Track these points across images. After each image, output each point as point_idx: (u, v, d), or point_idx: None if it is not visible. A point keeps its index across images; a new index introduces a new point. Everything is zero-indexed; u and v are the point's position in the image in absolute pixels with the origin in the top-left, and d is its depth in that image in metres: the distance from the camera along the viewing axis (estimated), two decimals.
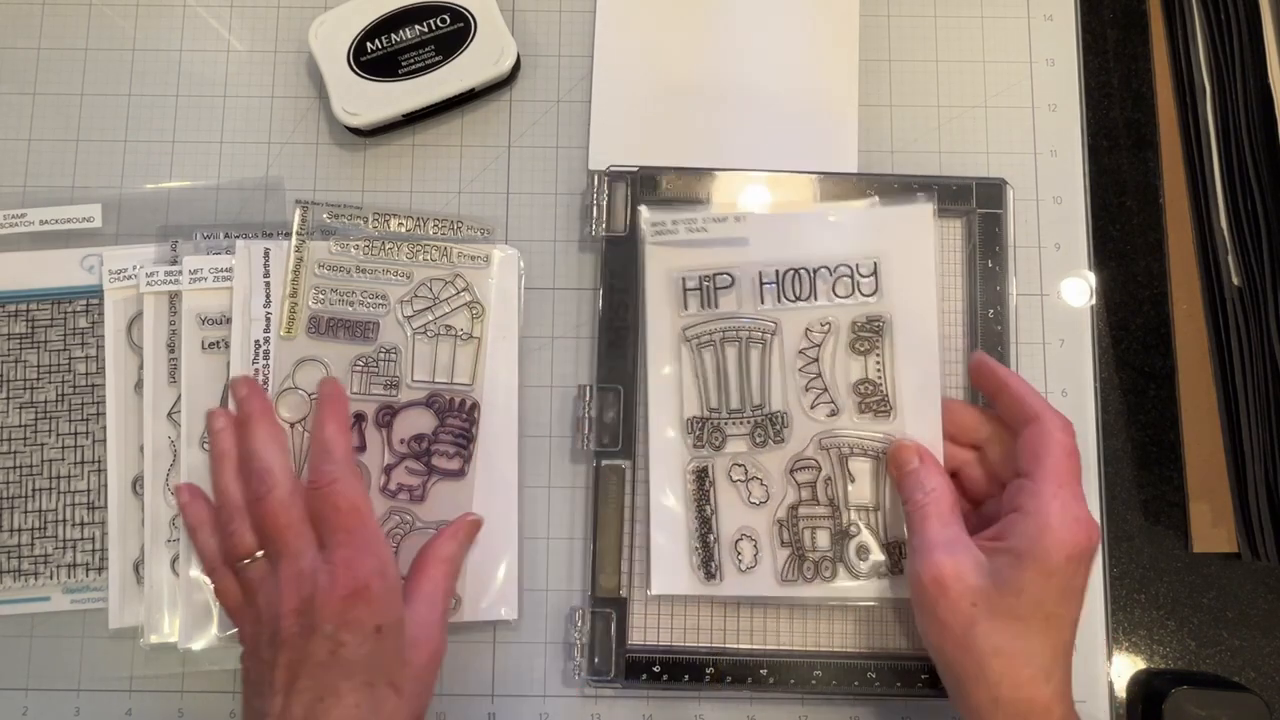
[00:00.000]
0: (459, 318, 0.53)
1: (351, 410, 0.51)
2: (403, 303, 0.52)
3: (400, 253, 0.53)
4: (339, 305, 0.52)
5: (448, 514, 0.51)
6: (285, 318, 0.51)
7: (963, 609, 0.43)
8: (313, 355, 0.51)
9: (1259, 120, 0.52)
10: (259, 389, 0.50)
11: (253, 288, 0.52)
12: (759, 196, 0.54)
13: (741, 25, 0.57)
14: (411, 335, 0.52)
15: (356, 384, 0.51)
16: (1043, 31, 0.58)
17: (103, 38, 0.58)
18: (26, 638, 0.52)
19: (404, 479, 0.51)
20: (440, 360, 0.52)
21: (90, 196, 0.55)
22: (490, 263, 0.53)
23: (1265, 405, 0.51)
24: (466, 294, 0.53)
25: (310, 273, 0.52)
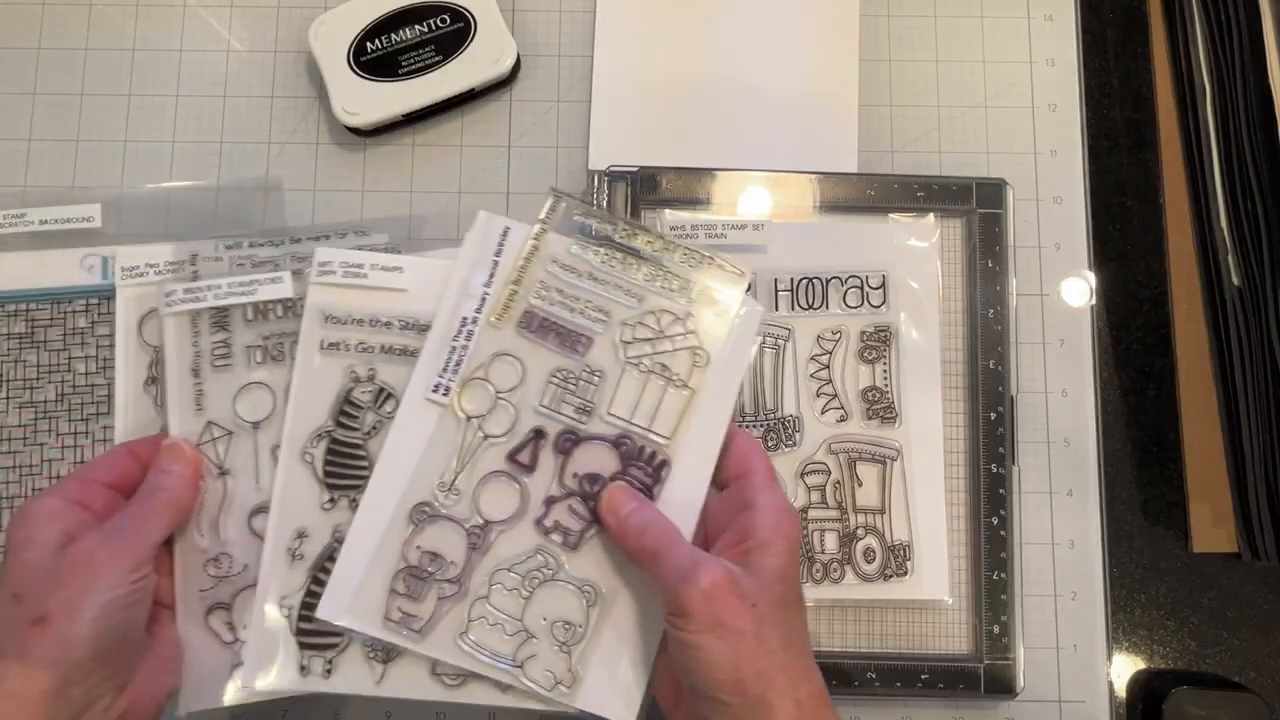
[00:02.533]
0: (679, 361, 0.47)
1: (534, 424, 0.46)
2: (626, 325, 0.47)
3: (639, 272, 0.47)
4: (559, 307, 0.47)
5: (596, 574, 0.45)
6: (502, 303, 0.47)
7: (747, 614, 0.38)
8: (514, 352, 0.47)
9: (1259, 120, 0.52)
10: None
11: (478, 262, 0.48)
12: (759, 196, 0.54)
13: (741, 25, 0.57)
14: (624, 363, 0.47)
15: (549, 398, 0.46)
16: (1043, 31, 0.58)
17: (103, 38, 0.58)
18: None
19: (563, 518, 0.45)
20: (645, 401, 0.46)
21: (90, 196, 0.55)
22: (732, 314, 0.48)
23: (1265, 405, 0.51)
24: (694, 338, 0.47)
25: (542, 265, 0.47)
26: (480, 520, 0.45)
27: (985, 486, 0.52)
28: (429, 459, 0.46)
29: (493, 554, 0.45)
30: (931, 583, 0.51)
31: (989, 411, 0.52)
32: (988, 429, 0.52)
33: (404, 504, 0.45)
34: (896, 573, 0.51)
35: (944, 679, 0.50)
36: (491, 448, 0.46)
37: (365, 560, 0.44)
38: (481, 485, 0.46)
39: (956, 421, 0.53)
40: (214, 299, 0.49)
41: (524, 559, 0.45)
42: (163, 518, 0.43)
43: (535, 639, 0.44)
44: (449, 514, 0.45)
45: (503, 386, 0.46)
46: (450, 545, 0.45)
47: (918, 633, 0.52)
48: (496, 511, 0.46)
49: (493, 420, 0.46)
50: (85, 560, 0.39)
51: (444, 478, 0.46)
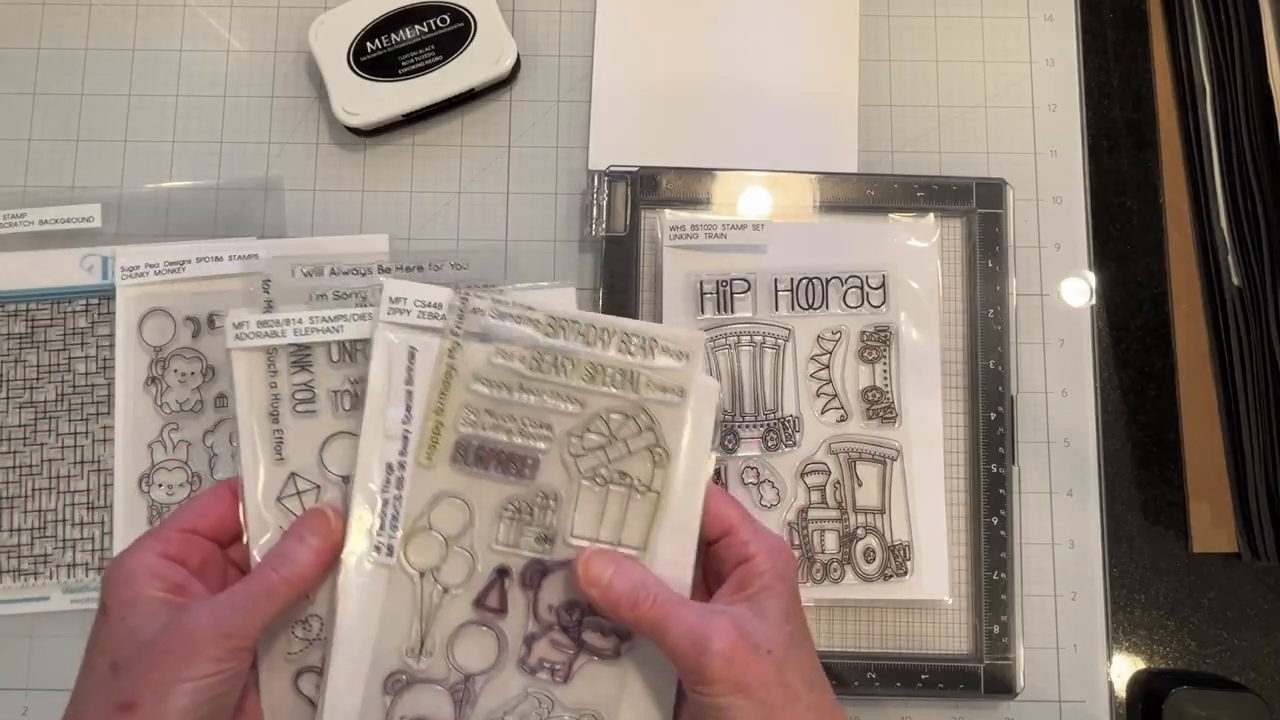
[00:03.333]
0: (637, 464, 0.43)
1: (495, 563, 0.42)
2: (572, 437, 0.43)
3: (576, 372, 0.42)
4: (493, 431, 0.42)
5: (595, 702, 0.42)
6: (428, 440, 0.42)
7: (767, 665, 0.38)
8: (455, 491, 0.42)
9: (1259, 120, 0.52)
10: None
11: (391, 395, 0.42)
12: (759, 196, 0.54)
13: (741, 25, 0.57)
14: (578, 480, 0.43)
15: (504, 533, 0.42)
16: (1043, 31, 0.58)
17: (103, 38, 0.58)
18: (26, 638, 0.52)
19: (547, 653, 0.42)
20: (609, 515, 0.42)
21: (90, 196, 0.55)
22: (685, 398, 0.43)
23: (1265, 405, 0.51)
24: (651, 435, 0.43)
25: (464, 386, 0.42)
26: (460, 675, 0.42)
27: (985, 486, 0.52)
28: (388, 625, 0.42)
29: (481, 706, 0.42)
30: (931, 583, 0.51)
31: (989, 411, 0.52)
32: (988, 429, 0.52)
33: (374, 677, 0.42)
34: (896, 573, 0.51)
35: (944, 679, 0.50)
36: (454, 599, 0.42)
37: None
38: (453, 639, 0.42)
39: (956, 421, 0.53)
40: (294, 335, 0.44)
41: (515, 704, 0.42)
42: (281, 598, 0.39)
43: None
44: (425, 677, 0.42)
45: (451, 532, 0.42)
46: (435, 706, 0.42)
47: (918, 633, 0.52)
48: (475, 663, 0.42)
49: (448, 570, 0.42)
50: (185, 640, 0.37)
51: (410, 642, 0.42)
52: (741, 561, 0.41)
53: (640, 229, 0.53)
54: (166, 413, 0.52)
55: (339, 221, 0.55)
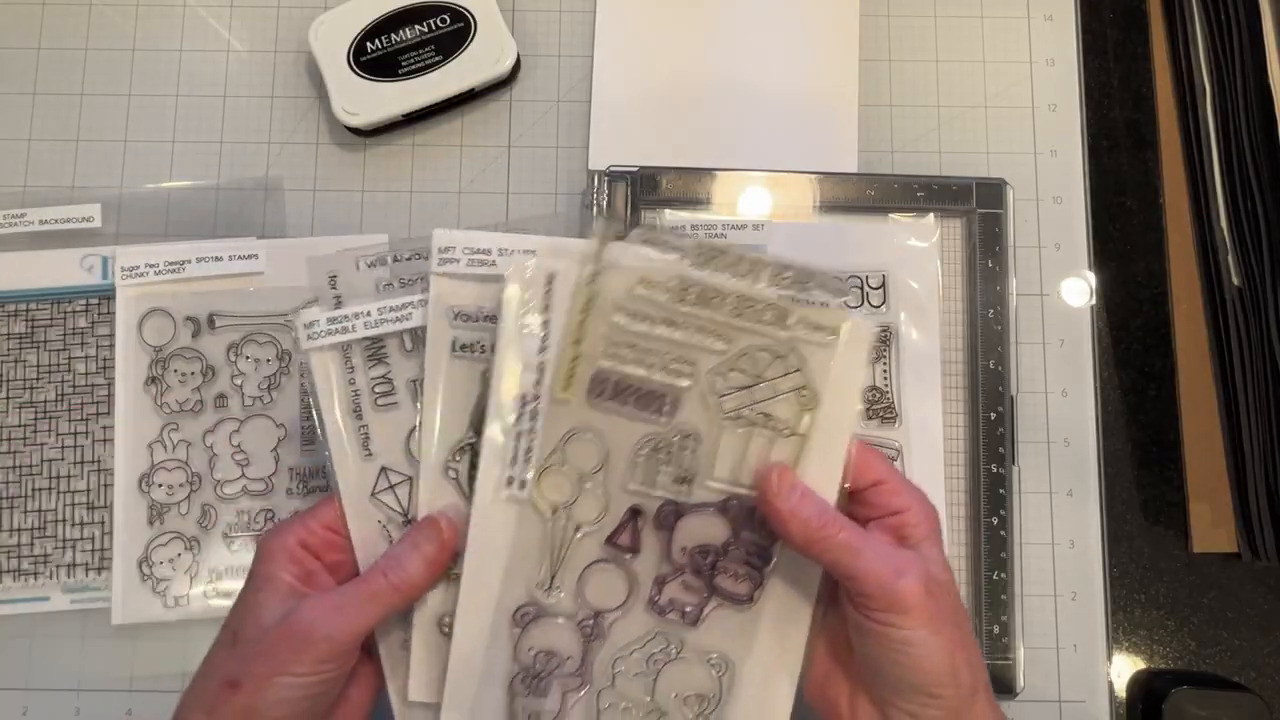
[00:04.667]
0: (783, 406, 0.41)
1: (628, 503, 0.41)
2: (715, 375, 0.41)
3: (723, 306, 0.40)
4: (633, 365, 0.40)
5: (725, 646, 0.41)
6: (564, 371, 0.40)
7: (949, 604, 0.38)
8: (590, 427, 0.41)
9: (1259, 120, 0.52)
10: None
11: (526, 320, 0.40)
12: (759, 196, 0.54)
13: (741, 25, 0.57)
14: (720, 420, 0.41)
15: (641, 473, 0.41)
16: (1043, 31, 0.58)
17: (103, 38, 0.58)
18: (26, 638, 0.52)
19: (678, 595, 0.41)
20: (750, 458, 0.41)
21: (90, 196, 0.55)
22: (837, 338, 0.41)
23: (1265, 405, 0.51)
24: (799, 377, 0.40)
25: (604, 317, 0.40)
26: (590, 611, 0.41)
27: (985, 486, 0.52)
28: (518, 560, 0.41)
29: (610, 642, 0.41)
30: None
31: (989, 411, 0.52)
32: (988, 429, 0.52)
33: (503, 609, 0.41)
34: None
35: None
36: (586, 537, 0.41)
37: (478, 667, 0.41)
38: (584, 576, 0.41)
39: (956, 421, 0.53)
40: (365, 328, 0.43)
41: (643, 643, 0.41)
42: (388, 602, 0.40)
43: (667, 715, 0.41)
44: (555, 610, 0.41)
45: (585, 468, 0.41)
46: (564, 640, 0.41)
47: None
48: (605, 600, 0.42)
49: (581, 508, 0.41)
50: (291, 637, 0.38)
51: (540, 577, 0.41)
52: (893, 513, 0.40)
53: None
54: (166, 413, 0.52)
55: (339, 221, 0.55)
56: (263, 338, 0.52)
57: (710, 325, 0.41)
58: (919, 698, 0.37)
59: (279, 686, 0.38)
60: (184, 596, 0.50)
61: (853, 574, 0.38)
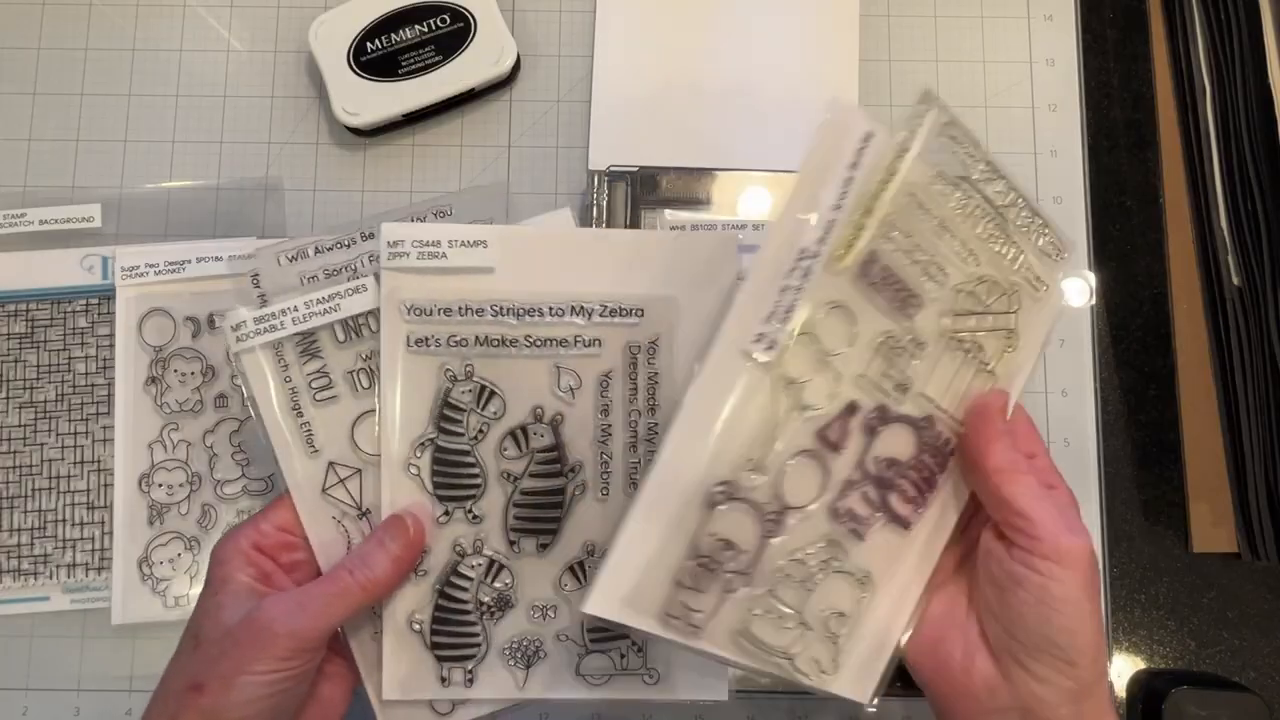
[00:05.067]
0: (993, 342, 0.41)
1: (850, 396, 0.39)
2: (959, 293, 0.40)
3: (980, 226, 0.40)
4: (903, 256, 0.38)
5: (873, 564, 0.40)
6: (848, 237, 0.37)
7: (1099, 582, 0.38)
8: (851, 304, 0.38)
9: (1259, 120, 0.52)
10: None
11: (829, 174, 0.37)
12: (759, 196, 0.54)
13: (741, 25, 0.57)
14: (949, 336, 0.40)
15: (874, 367, 0.39)
16: (1043, 31, 0.58)
17: (103, 38, 0.58)
18: (26, 638, 0.52)
19: (856, 505, 0.40)
20: (956, 383, 0.40)
21: (90, 196, 0.55)
22: (1048, 294, 0.42)
23: (1265, 405, 0.51)
24: (1013, 318, 0.41)
25: (896, 196, 0.38)
26: (779, 505, 0.38)
27: None
28: (736, 429, 0.37)
29: (783, 542, 0.39)
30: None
31: None
32: None
33: (704, 482, 0.37)
34: None
35: None
36: (804, 420, 0.38)
37: (651, 545, 0.37)
38: (787, 467, 0.38)
39: None
40: (294, 324, 0.43)
41: (814, 547, 0.39)
42: (354, 600, 0.40)
43: (811, 630, 0.39)
44: (749, 497, 0.38)
45: (832, 347, 0.38)
46: (744, 531, 0.38)
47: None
48: (797, 495, 0.39)
49: (813, 388, 0.38)
50: (255, 634, 0.38)
51: (752, 453, 0.38)
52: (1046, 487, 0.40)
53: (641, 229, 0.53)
54: (166, 413, 0.52)
55: (339, 221, 0.55)
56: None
57: (972, 242, 0.40)
58: (1054, 661, 0.37)
59: (243, 686, 0.37)
60: (184, 596, 0.50)
61: (1029, 515, 0.37)
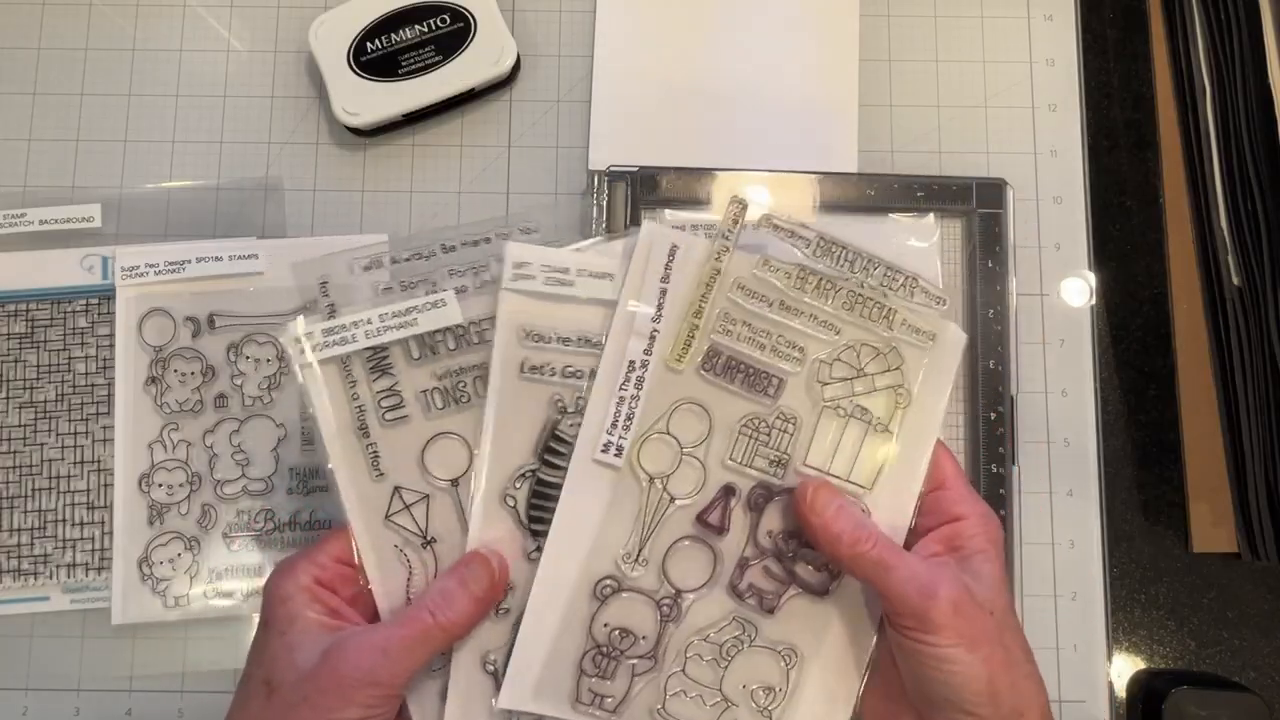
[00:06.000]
0: (879, 402, 0.42)
1: (723, 480, 0.41)
2: (822, 364, 0.41)
3: (837, 298, 0.41)
4: (746, 345, 0.41)
5: (796, 638, 0.41)
6: (680, 342, 0.40)
7: (990, 624, 0.37)
8: (697, 400, 0.41)
9: (1259, 120, 0.52)
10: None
11: (644, 290, 0.40)
12: (759, 197, 0.54)
13: (741, 25, 0.57)
14: (821, 407, 0.41)
15: (740, 450, 0.41)
16: (1043, 31, 0.58)
17: (103, 38, 0.58)
18: (26, 638, 0.52)
19: (758, 580, 0.41)
20: (844, 449, 0.41)
21: (90, 196, 0.55)
22: (935, 343, 0.42)
23: (1265, 405, 0.51)
24: (897, 375, 0.42)
25: (724, 293, 0.41)
26: (671, 590, 0.41)
27: (985, 487, 0.52)
28: (609, 527, 0.41)
29: (686, 624, 0.41)
30: None
31: (989, 411, 0.52)
32: (988, 429, 0.52)
33: (585, 579, 0.40)
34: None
35: None
36: (678, 510, 0.41)
37: (548, 640, 0.40)
38: (670, 552, 0.41)
39: (957, 421, 0.53)
40: (366, 338, 0.41)
41: (719, 627, 0.41)
42: (435, 644, 0.39)
43: (735, 706, 0.41)
44: (636, 586, 0.41)
45: (687, 440, 0.41)
46: (640, 619, 0.41)
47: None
48: (688, 580, 0.41)
49: (678, 479, 0.41)
50: (336, 683, 0.36)
51: (628, 548, 0.41)
52: (951, 520, 0.40)
53: None
54: (166, 413, 0.52)
55: (339, 221, 0.56)
56: (263, 338, 0.52)
57: (822, 315, 0.42)
58: (956, 715, 0.37)
59: None
60: (184, 596, 0.50)
61: (884, 591, 0.38)
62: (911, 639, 0.37)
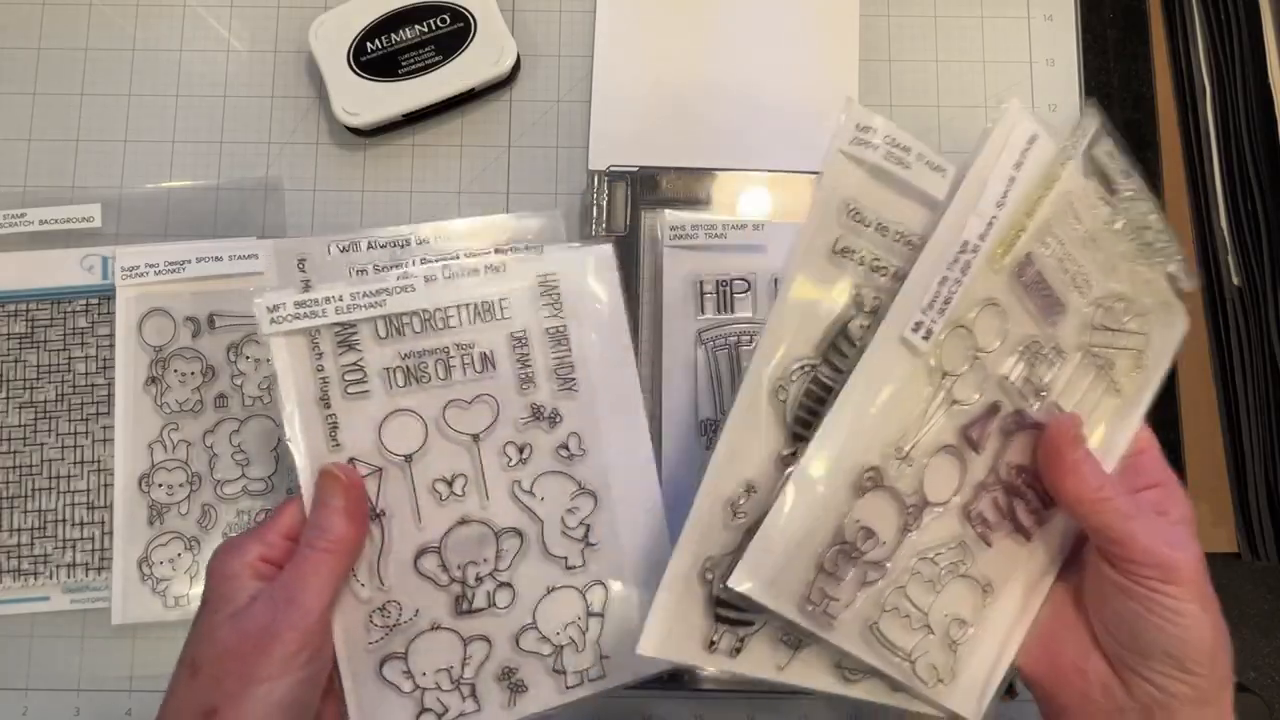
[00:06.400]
0: (1123, 359, 0.42)
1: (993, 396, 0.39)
2: (1099, 307, 0.41)
3: (1125, 244, 0.41)
4: (1054, 262, 0.39)
5: (999, 576, 0.41)
6: (1008, 238, 0.38)
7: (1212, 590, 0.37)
8: (1005, 303, 0.39)
9: (1259, 120, 0.52)
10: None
11: (996, 171, 0.38)
12: (759, 196, 0.54)
13: (742, 25, 0.57)
14: (1086, 348, 0.41)
15: (1018, 370, 0.40)
16: (1043, 31, 0.58)
17: (103, 38, 0.58)
18: (26, 638, 0.52)
19: (986, 509, 0.40)
20: (1086, 398, 0.41)
21: (90, 196, 0.55)
22: (1174, 321, 0.43)
23: (1265, 405, 0.51)
24: (1144, 339, 0.42)
25: (1055, 204, 0.39)
26: (919, 499, 0.39)
27: None
28: (891, 415, 0.38)
29: (918, 537, 0.39)
30: None
31: None
32: None
33: (853, 466, 0.37)
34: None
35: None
36: (951, 415, 0.39)
37: (801, 527, 0.37)
38: (933, 459, 0.39)
39: None
40: (335, 314, 0.42)
41: (947, 547, 0.39)
42: (328, 569, 0.39)
43: (933, 634, 0.39)
44: (895, 485, 0.38)
45: (985, 344, 0.39)
46: (885, 521, 0.38)
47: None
48: (936, 492, 0.39)
49: (964, 382, 0.39)
50: (262, 634, 0.36)
51: (903, 442, 0.38)
52: (1151, 485, 0.40)
53: (640, 229, 0.53)
54: (166, 413, 0.52)
55: (339, 221, 0.55)
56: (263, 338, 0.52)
57: (1114, 259, 0.41)
58: (1172, 670, 0.36)
59: (257, 699, 0.36)
60: (184, 596, 0.50)
61: (1125, 540, 0.37)
62: (1151, 588, 0.36)
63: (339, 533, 0.39)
